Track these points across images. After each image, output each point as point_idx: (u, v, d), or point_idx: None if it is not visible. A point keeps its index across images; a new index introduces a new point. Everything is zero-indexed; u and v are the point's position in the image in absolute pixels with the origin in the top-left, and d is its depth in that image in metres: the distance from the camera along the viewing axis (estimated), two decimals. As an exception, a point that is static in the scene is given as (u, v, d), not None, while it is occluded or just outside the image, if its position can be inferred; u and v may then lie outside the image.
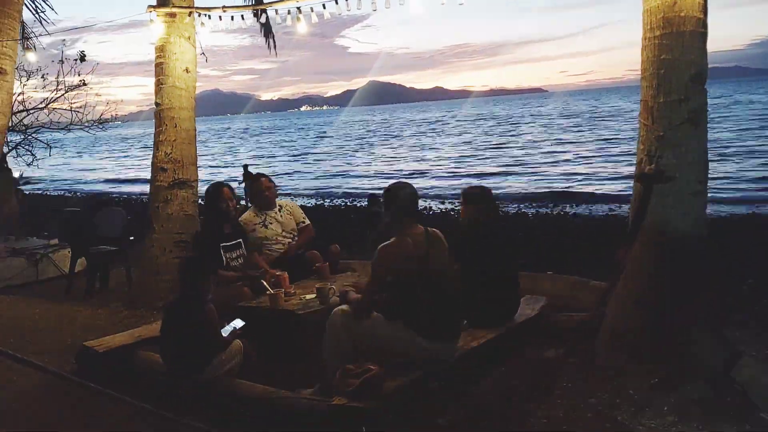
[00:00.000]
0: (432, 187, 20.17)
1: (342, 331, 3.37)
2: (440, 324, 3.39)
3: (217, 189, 5.00)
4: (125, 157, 49.53)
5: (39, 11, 7.77)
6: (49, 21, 7.89)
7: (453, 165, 26.91)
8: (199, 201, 6.38)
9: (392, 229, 3.47)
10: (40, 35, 7.68)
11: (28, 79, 9.15)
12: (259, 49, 6.91)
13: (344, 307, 3.48)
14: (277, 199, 5.44)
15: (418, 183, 21.22)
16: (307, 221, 5.47)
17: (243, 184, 7.48)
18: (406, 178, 23.37)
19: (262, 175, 5.54)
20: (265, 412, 3.23)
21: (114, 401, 3.63)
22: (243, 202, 6.76)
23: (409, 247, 3.35)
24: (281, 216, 5.31)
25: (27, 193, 17.35)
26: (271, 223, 5.22)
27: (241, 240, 4.94)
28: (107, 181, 31.05)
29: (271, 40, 6.84)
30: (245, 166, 7.79)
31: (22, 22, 6.01)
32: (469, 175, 22.89)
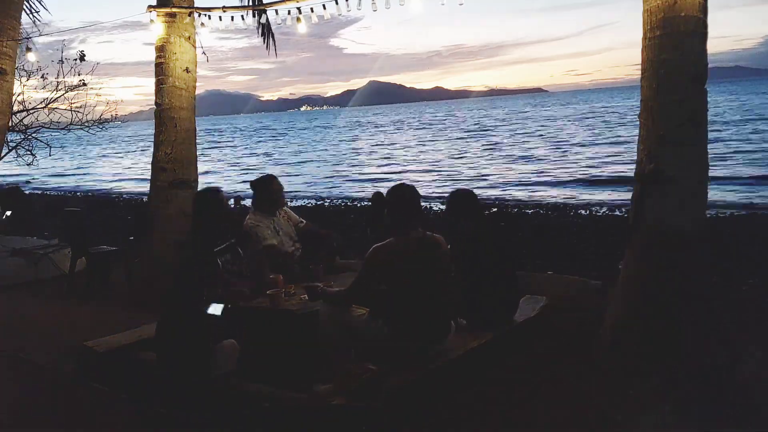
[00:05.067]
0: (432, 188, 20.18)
1: (330, 325, 3.53)
2: (421, 326, 3.42)
3: (216, 195, 4.79)
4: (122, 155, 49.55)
5: (33, 11, 7.76)
6: (42, 21, 7.90)
7: (455, 165, 26.94)
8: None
9: (392, 230, 3.51)
10: (37, 36, 7.67)
11: (28, 79, 9.14)
12: (259, 49, 6.88)
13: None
14: None
15: (420, 182, 21.36)
16: (304, 221, 5.41)
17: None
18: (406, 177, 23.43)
19: (274, 177, 5.22)
20: (266, 411, 3.22)
21: (114, 401, 3.63)
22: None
23: (398, 249, 3.41)
24: (282, 221, 5.22)
25: (27, 193, 17.39)
26: (281, 229, 5.11)
27: (233, 240, 4.78)
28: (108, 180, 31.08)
29: (270, 41, 6.81)
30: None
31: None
32: (466, 178, 22.91)
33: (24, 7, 6.50)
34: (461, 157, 30.02)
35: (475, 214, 4.22)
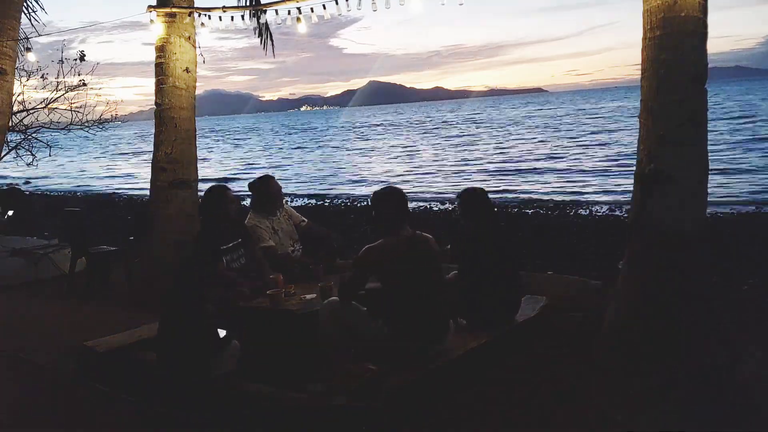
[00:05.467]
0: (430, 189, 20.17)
1: (330, 325, 3.53)
2: (419, 325, 3.43)
3: (223, 192, 4.74)
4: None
5: (31, 11, 7.75)
6: (40, 21, 7.90)
7: (455, 165, 26.92)
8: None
9: (380, 231, 3.59)
10: (38, 36, 7.68)
11: (28, 79, 9.16)
12: (259, 49, 6.86)
13: (331, 299, 3.66)
14: None
15: (419, 182, 21.35)
16: (306, 219, 5.39)
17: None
18: (403, 178, 23.43)
19: (271, 177, 5.18)
20: (266, 411, 3.23)
21: (114, 401, 3.63)
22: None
23: (389, 250, 3.47)
24: (283, 221, 5.19)
25: (27, 192, 17.39)
26: (280, 229, 5.09)
27: (240, 239, 4.79)
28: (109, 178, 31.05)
29: (267, 41, 6.81)
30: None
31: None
32: (468, 177, 22.88)
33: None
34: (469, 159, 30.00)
35: (478, 214, 4.22)
